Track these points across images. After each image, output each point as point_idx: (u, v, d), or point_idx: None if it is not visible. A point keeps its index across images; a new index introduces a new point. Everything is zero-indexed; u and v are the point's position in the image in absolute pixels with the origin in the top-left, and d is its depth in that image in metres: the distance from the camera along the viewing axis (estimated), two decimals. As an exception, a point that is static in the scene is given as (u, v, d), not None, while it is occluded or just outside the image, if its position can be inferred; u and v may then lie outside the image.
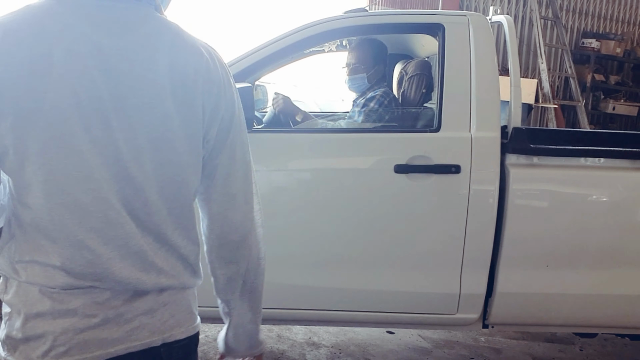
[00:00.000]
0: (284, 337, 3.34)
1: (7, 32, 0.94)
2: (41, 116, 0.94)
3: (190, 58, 1.06)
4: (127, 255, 1.02)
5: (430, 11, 2.73)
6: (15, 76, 0.93)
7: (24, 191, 0.98)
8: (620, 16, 8.78)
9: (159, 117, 1.02)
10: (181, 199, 1.08)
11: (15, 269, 1.02)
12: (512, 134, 2.52)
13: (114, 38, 0.99)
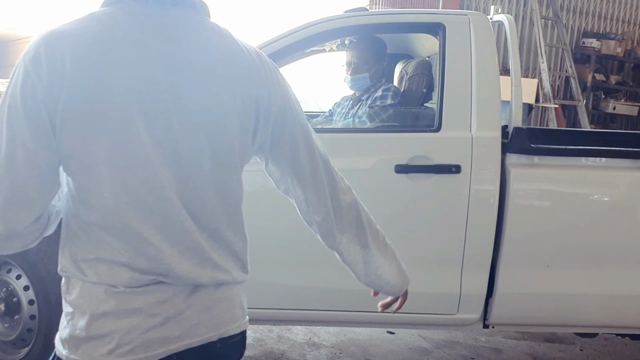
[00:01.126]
0: (284, 338, 3.33)
1: (77, 40, 0.97)
2: (109, 120, 0.97)
3: (243, 62, 1.11)
4: (186, 250, 1.06)
5: (431, 10, 2.73)
6: (86, 82, 0.96)
7: (89, 193, 1.01)
8: (620, 16, 8.78)
9: (218, 118, 1.06)
10: (235, 197, 1.13)
11: (80, 268, 1.05)
12: (512, 133, 2.52)
13: (175, 43, 1.03)
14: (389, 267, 1.41)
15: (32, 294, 2.43)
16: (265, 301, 2.53)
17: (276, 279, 2.49)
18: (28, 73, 0.96)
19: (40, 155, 0.97)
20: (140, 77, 0.99)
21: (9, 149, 0.96)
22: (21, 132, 0.96)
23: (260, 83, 1.12)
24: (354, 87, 2.95)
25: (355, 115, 2.83)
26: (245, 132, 1.11)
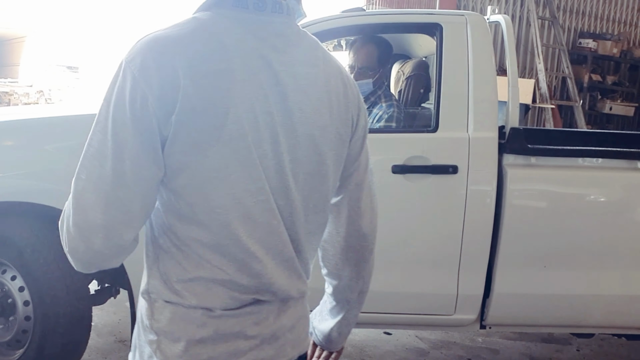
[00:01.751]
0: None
1: (187, 47, 0.93)
2: (224, 132, 0.93)
3: (337, 72, 1.10)
4: (281, 262, 1.04)
5: (428, 11, 2.72)
6: (202, 92, 0.91)
7: (197, 208, 0.96)
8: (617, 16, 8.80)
9: (317, 130, 1.04)
10: (319, 207, 1.11)
11: (174, 290, 0.99)
12: (509, 134, 2.52)
13: (278, 53, 1.00)
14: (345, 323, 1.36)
15: (27, 295, 2.42)
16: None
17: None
18: (136, 81, 0.90)
19: (146, 169, 0.93)
20: (251, 87, 0.96)
21: (116, 163, 0.91)
22: (129, 145, 0.91)
23: (352, 97, 1.11)
24: None
25: None
26: (340, 146, 1.09)
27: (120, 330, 3.31)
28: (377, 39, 2.83)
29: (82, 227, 0.95)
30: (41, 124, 2.56)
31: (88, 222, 0.94)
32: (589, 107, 8.28)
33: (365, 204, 1.21)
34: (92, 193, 0.93)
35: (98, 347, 3.07)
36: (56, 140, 2.47)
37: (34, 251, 2.38)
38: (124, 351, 3.04)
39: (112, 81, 0.93)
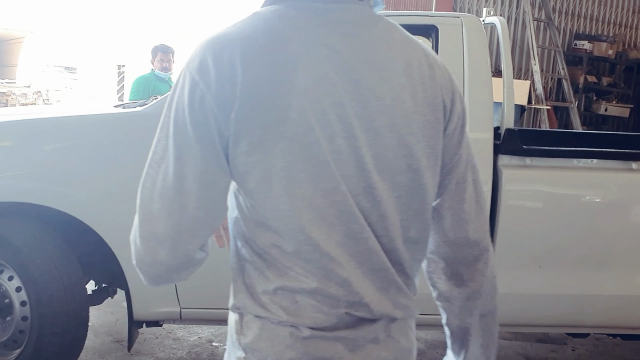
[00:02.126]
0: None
1: (245, 41, 0.88)
2: (288, 127, 0.86)
3: (421, 54, 0.98)
4: (370, 272, 0.93)
5: (424, 13, 2.74)
6: (261, 86, 0.86)
7: (268, 212, 0.89)
8: (612, 18, 8.83)
9: (400, 119, 0.93)
10: (416, 209, 0.98)
11: (261, 303, 0.92)
12: (504, 135, 2.53)
13: (348, 39, 0.92)
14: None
15: (24, 296, 2.42)
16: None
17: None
18: (195, 82, 0.86)
19: (210, 173, 0.87)
20: (315, 78, 0.88)
21: (178, 168, 0.87)
22: (190, 148, 0.86)
23: (441, 80, 0.98)
24: None
25: None
26: (432, 136, 0.96)
27: (117, 330, 3.31)
28: None
29: (148, 238, 0.90)
30: (39, 125, 2.57)
31: (153, 233, 0.89)
32: (585, 108, 8.30)
33: (470, 206, 1.06)
34: (157, 202, 0.89)
35: (95, 347, 3.08)
36: (54, 141, 2.47)
37: (31, 251, 2.39)
38: (121, 351, 3.05)
39: (174, 85, 0.90)
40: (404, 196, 0.95)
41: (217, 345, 3.20)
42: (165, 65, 5.40)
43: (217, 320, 2.64)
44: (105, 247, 2.42)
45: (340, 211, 0.89)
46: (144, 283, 0.97)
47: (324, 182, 0.88)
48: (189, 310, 2.52)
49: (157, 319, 2.57)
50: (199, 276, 2.57)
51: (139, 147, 2.44)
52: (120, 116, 2.60)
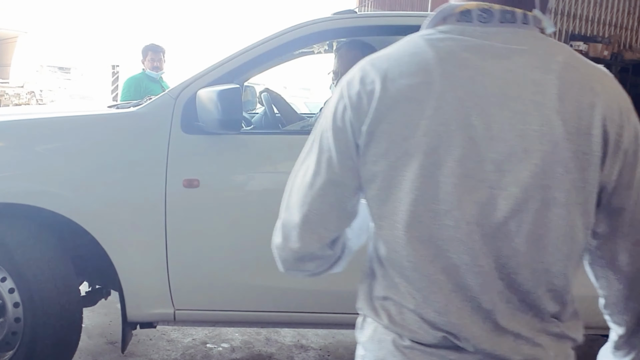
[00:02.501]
0: (272, 340, 3.33)
1: (389, 60, 0.95)
2: (412, 144, 0.90)
3: (585, 80, 0.92)
4: (479, 310, 0.91)
5: (420, 13, 2.72)
6: (394, 103, 0.91)
7: (384, 222, 0.94)
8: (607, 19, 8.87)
9: (547, 146, 0.88)
10: (563, 248, 0.91)
11: (373, 307, 0.99)
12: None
13: (499, 60, 0.91)
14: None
15: (17, 297, 2.40)
16: (253, 304, 2.53)
17: (264, 281, 2.48)
18: (342, 95, 0.96)
19: (340, 174, 0.97)
20: (450, 100, 0.89)
21: (316, 167, 0.98)
22: (329, 152, 0.97)
23: (606, 110, 0.90)
24: None
25: None
26: (580, 168, 0.89)
27: (110, 332, 3.30)
28: (361, 45, 2.82)
29: (285, 225, 1.02)
30: (32, 125, 2.55)
31: (288, 220, 1.01)
32: (580, 109, 8.34)
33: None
34: (294, 194, 1.01)
35: (89, 349, 3.06)
36: (47, 141, 2.46)
37: (25, 253, 2.37)
38: (115, 352, 3.03)
39: (332, 95, 1.01)
40: (548, 233, 0.89)
41: (211, 347, 3.19)
42: (156, 65, 5.37)
43: (211, 322, 2.62)
44: (99, 249, 2.40)
45: (451, 237, 0.89)
46: (279, 268, 1.07)
47: (435, 203, 0.89)
48: (182, 311, 2.50)
49: (151, 321, 2.56)
50: (192, 277, 2.56)
51: (133, 148, 2.44)
52: (114, 117, 2.59)
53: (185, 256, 2.44)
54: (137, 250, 2.42)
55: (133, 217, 2.39)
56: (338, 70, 2.82)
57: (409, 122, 0.90)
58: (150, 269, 2.43)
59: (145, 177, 2.40)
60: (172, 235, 2.41)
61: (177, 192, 2.38)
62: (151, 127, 2.43)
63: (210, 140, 2.41)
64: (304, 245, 0.99)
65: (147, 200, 2.39)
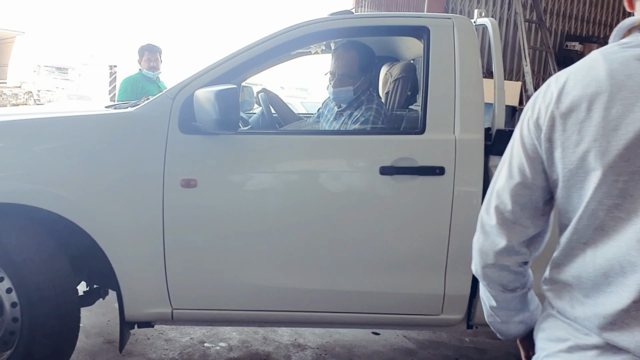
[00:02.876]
0: (270, 339, 3.34)
1: (570, 76, 1.04)
2: (583, 148, 0.99)
3: None
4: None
5: (416, 14, 2.74)
6: (564, 113, 1.02)
7: (564, 219, 1.08)
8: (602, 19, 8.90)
9: None
10: None
11: (546, 289, 1.15)
12: (495, 136, 2.54)
13: None
14: None
15: (14, 297, 2.41)
16: (251, 303, 2.54)
17: (261, 281, 2.50)
18: (529, 106, 1.11)
19: (530, 177, 1.11)
20: (618, 105, 0.96)
21: (509, 170, 1.14)
22: (519, 157, 1.12)
23: None
24: (336, 99, 2.86)
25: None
26: None
27: (108, 331, 3.30)
28: (358, 46, 2.82)
29: (481, 222, 1.19)
30: (30, 125, 2.56)
31: (484, 217, 1.18)
32: (576, 109, 8.36)
33: None
34: (493, 196, 1.17)
35: (86, 349, 3.07)
36: (45, 141, 2.46)
37: (22, 253, 2.38)
38: (113, 352, 3.04)
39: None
40: None
41: (209, 346, 3.20)
42: (152, 65, 5.36)
43: (209, 321, 2.63)
44: (96, 249, 2.41)
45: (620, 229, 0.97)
46: (473, 270, 1.26)
47: (610, 199, 0.98)
48: (180, 311, 2.52)
49: (148, 320, 2.57)
50: (189, 277, 2.58)
51: (130, 148, 2.45)
52: (112, 117, 2.60)
53: (183, 256, 2.45)
54: (135, 250, 2.43)
55: (131, 216, 2.40)
56: (335, 71, 2.82)
57: (579, 129, 1.00)
58: (148, 269, 2.44)
59: (143, 177, 2.41)
60: (170, 235, 2.42)
61: (174, 192, 2.39)
62: (149, 127, 2.44)
63: (208, 141, 2.42)
64: (509, 242, 1.14)
65: (145, 200, 2.40)
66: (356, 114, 2.72)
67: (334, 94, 2.83)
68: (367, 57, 2.84)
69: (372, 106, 2.73)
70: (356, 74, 2.78)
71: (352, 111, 2.76)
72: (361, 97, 2.80)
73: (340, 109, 2.86)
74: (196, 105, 2.34)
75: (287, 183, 2.52)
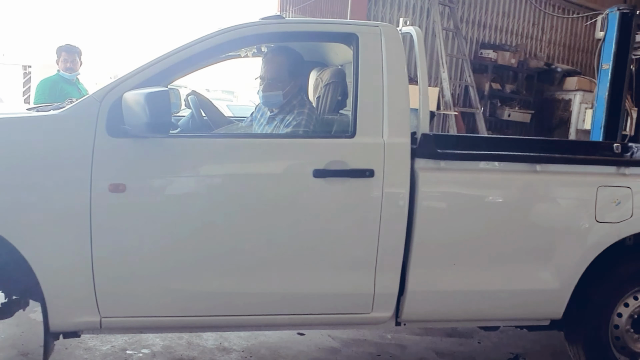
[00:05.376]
0: (194, 344, 3.29)
1: None
2: None
3: None
4: None
5: (345, 21, 2.81)
6: None
7: None
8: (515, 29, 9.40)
9: None
10: None
11: None
12: (420, 139, 2.64)
13: None
14: None
15: None
16: (183, 308, 2.50)
17: (193, 286, 2.47)
18: None
19: None
20: None
21: None
22: None
23: None
24: (266, 104, 2.88)
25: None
26: None
27: (22, 343, 3.16)
28: (287, 51, 2.85)
29: None
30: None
31: None
32: (490, 114, 8.78)
33: None
34: None
35: (2, 362, 2.92)
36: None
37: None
38: (31, 365, 2.91)
39: None
40: None
41: (131, 353, 3.12)
42: (69, 66, 5.17)
43: (140, 329, 2.58)
44: (17, 257, 2.31)
45: None
46: None
47: None
48: (109, 319, 2.45)
49: (75, 330, 2.48)
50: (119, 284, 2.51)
51: (55, 152, 2.36)
52: (36, 119, 2.49)
53: (111, 262, 2.39)
54: (61, 257, 2.34)
55: (57, 223, 2.32)
56: (264, 75, 2.83)
57: None
58: (75, 277, 2.37)
59: (69, 182, 2.33)
60: (98, 242, 2.35)
61: (102, 197, 2.33)
62: (75, 130, 2.36)
63: (137, 144, 2.37)
64: None
65: (72, 206, 2.32)
66: (288, 118, 2.75)
67: (263, 98, 2.85)
68: (295, 62, 2.87)
69: (304, 110, 2.77)
70: (285, 78, 2.81)
71: (285, 115, 2.79)
72: (292, 101, 2.83)
73: (272, 114, 2.88)
74: (125, 108, 2.29)
75: (220, 187, 2.50)
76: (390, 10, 8.00)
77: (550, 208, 2.81)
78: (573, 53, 10.20)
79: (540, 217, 2.77)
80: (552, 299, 2.82)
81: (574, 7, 9.94)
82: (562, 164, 2.82)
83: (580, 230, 2.76)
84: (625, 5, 8.18)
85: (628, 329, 2.92)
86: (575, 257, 2.77)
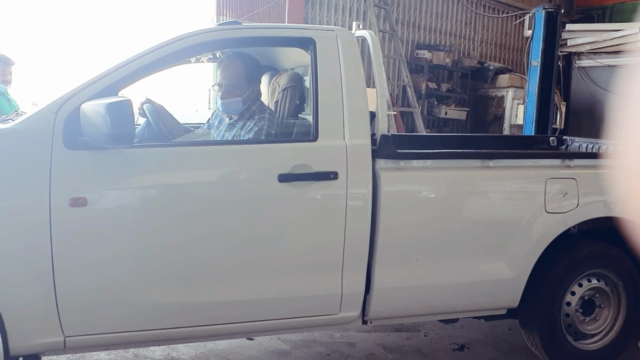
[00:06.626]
0: (141, 356, 3.20)
1: None
2: None
3: None
4: None
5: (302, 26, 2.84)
6: None
7: None
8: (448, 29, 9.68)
9: None
10: None
11: None
12: (380, 140, 2.70)
13: None
14: None
15: None
16: (149, 322, 2.45)
17: (161, 298, 2.42)
18: None
19: None
20: None
21: None
22: None
23: None
24: (226, 111, 2.86)
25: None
26: None
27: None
28: (243, 57, 2.84)
29: None
30: None
31: None
32: (427, 112, 9.00)
33: None
34: None
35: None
36: None
37: None
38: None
39: None
40: None
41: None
42: (6, 79, 4.97)
43: (106, 346, 2.50)
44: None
45: None
46: None
47: None
48: (74, 338, 2.36)
49: (37, 352, 2.38)
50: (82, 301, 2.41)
51: (9, 168, 2.25)
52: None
53: (74, 279, 2.31)
54: (20, 276, 2.25)
55: (15, 241, 2.22)
56: (222, 82, 2.81)
57: None
58: (36, 296, 2.27)
59: (26, 198, 2.24)
60: (59, 258, 2.27)
61: (62, 212, 2.25)
62: (30, 144, 2.27)
63: (97, 156, 2.30)
64: None
65: (30, 223, 2.23)
66: (249, 124, 2.74)
67: (223, 106, 2.83)
68: (252, 67, 2.87)
69: (265, 115, 2.77)
70: (243, 84, 2.80)
71: (245, 121, 2.78)
72: (252, 107, 2.83)
73: (232, 120, 2.86)
74: (83, 119, 2.22)
75: (185, 196, 2.46)
76: (327, 13, 8.08)
77: (503, 201, 2.93)
78: (504, 51, 10.62)
79: (495, 211, 2.89)
80: (508, 288, 2.94)
81: (504, 7, 10.35)
82: (514, 159, 2.94)
83: (532, 222, 2.89)
84: (551, 4, 8.60)
85: (577, 312, 3.09)
86: (528, 247, 2.90)
